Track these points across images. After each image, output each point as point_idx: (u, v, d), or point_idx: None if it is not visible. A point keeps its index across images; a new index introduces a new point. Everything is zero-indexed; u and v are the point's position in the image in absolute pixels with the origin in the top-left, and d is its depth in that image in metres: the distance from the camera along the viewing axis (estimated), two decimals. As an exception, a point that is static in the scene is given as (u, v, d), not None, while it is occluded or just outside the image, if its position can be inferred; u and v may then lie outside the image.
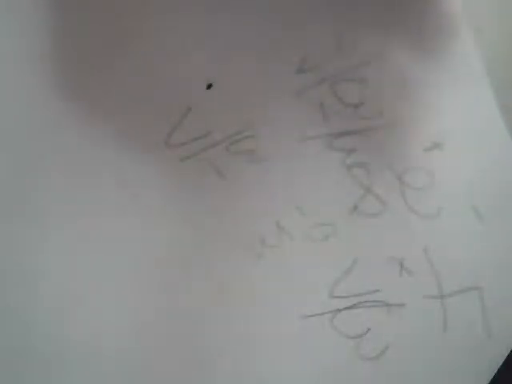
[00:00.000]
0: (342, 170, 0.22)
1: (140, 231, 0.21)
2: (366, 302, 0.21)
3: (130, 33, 0.22)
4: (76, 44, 0.22)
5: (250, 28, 0.22)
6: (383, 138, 0.22)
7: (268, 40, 0.22)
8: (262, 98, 0.22)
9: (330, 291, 0.21)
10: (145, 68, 0.22)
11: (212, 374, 0.21)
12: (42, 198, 0.21)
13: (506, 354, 0.21)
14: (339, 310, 0.21)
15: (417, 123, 0.22)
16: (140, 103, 0.22)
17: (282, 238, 0.21)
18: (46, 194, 0.21)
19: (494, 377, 0.21)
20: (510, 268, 0.21)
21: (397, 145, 0.22)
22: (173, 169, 0.21)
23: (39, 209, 0.21)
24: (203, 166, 0.22)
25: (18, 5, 0.21)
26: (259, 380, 0.21)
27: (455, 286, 0.21)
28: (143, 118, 0.21)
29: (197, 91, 0.22)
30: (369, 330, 0.21)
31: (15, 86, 0.21)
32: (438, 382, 0.21)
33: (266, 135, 0.22)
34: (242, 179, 0.22)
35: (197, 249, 0.21)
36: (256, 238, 0.21)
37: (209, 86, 0.22)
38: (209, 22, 0.22)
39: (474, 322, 0.21)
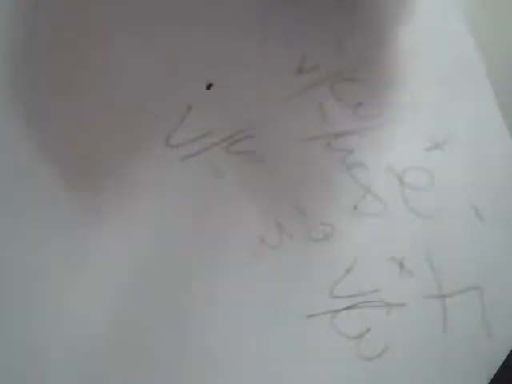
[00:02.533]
0: (341, 169, 0.22)
1: (140, 230, 0.21)
2: (365, 302, 0.21)
3: (130, 33, 0.22)
4: (74, 43, 0.22)
5: (250, 28, 0.22)
6: (383, 138, 0.22)
7: (268, 40, 0.22)
8: (262, 98, 0.22)
9: (330, 291, 0.21)
10: (145, 68, 0.22)
11: (212, 374, 0.21)
12: (42, 198, 0.21)
13: (506, 354, 0.21)
14: (339, 310, 0.21)
15: (417, 123, 0.22)
16: (140, 103, 0.22)
17: (282, 238, 0.21)
18: (45, 194, 0.21)
19: (494, 377, 0.21)
20: (510, 268, 0.21)
21: (397, 145, 0.22)
22: (173, 169, 0.21)
23: (39, 209, 0.21)
24: (203, 166, 0.22)
25: None
26: (259, 379, 0.21)
27: (455, 286, 0.21)
28: (143, 118, 0.22)
29: (197, 91, 0.22)
30: (369, 330, 0.21)
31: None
32: (438, 382, 0.21)
33: (266, 135, 0.22)
34: (242, 179, 0.22)
35: (197, 248, 0.21)
36: (256, 238, 0.21)
37: (209, 86, 0.22)
38: (209, 22, 0.22)
39: (474, 322, 0.21)
